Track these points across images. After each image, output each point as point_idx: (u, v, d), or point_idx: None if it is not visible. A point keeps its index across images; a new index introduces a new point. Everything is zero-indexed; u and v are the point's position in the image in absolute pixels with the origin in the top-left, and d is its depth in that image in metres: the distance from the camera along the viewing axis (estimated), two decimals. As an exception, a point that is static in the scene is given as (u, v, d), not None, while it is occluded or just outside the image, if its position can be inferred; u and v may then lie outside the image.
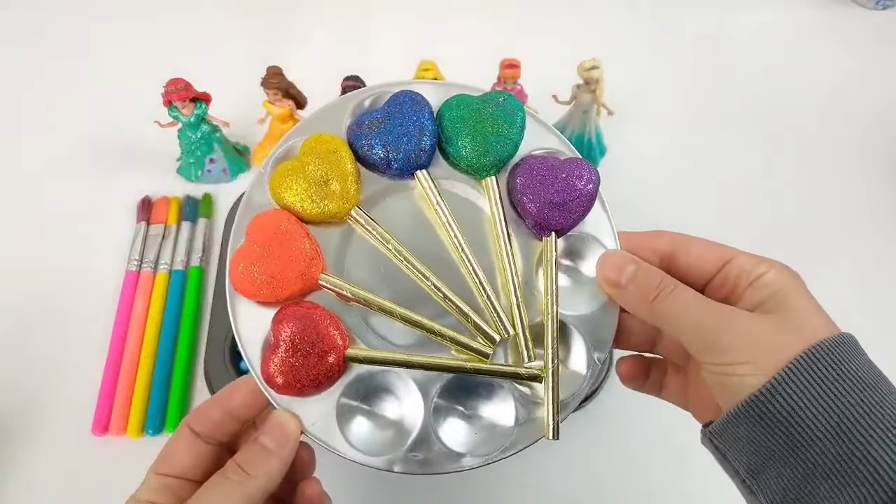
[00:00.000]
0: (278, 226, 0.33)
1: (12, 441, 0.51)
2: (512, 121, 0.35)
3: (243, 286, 0.32)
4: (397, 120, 0.34)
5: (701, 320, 0.30)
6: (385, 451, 0.32)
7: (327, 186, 0.33)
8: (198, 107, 0.58)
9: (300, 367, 0.31)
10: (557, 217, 0.34)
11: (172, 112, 0.58)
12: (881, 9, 0.78)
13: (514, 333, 0.33)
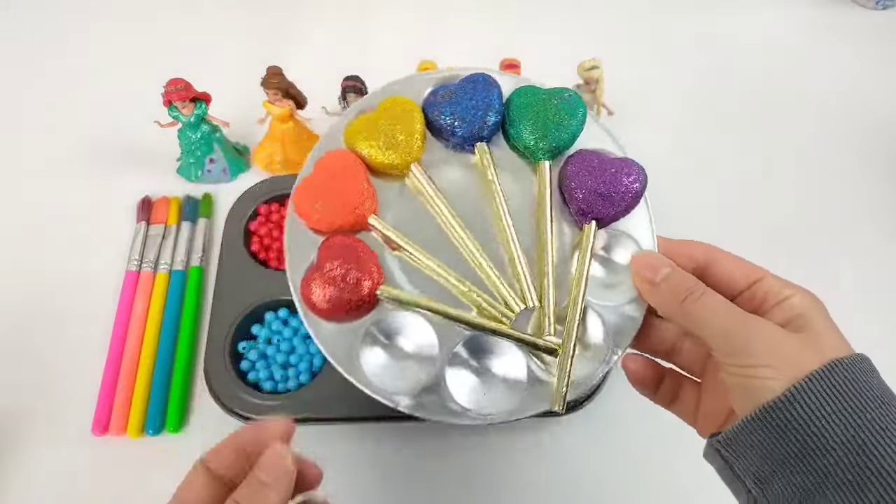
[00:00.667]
0: (345, 164, 0.36)
1: (12, 441, 0.51)
2: (573, 114, 0.37)
3: (302, 208, 0.36)
4: (468, 94, 0.38)
5: (729, 324, 0.31)
6: (396, 389, 0.34)
7: (394, 139, 0.36)
8: (198, 107, 0.58)
9: (336, 290, 0.33)
10: (601, 207, 0.36)
11: (172, 112, 0.58)
12: (881, 9, 0.78)
13: (539, 306, 0.35)
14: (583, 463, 0.51)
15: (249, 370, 0.52)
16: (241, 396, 0.50)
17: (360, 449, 0.51)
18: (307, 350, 0.53)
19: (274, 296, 0.54)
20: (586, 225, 0.36)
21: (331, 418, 0.50)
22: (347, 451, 0.51)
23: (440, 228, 0.37)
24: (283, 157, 0.62)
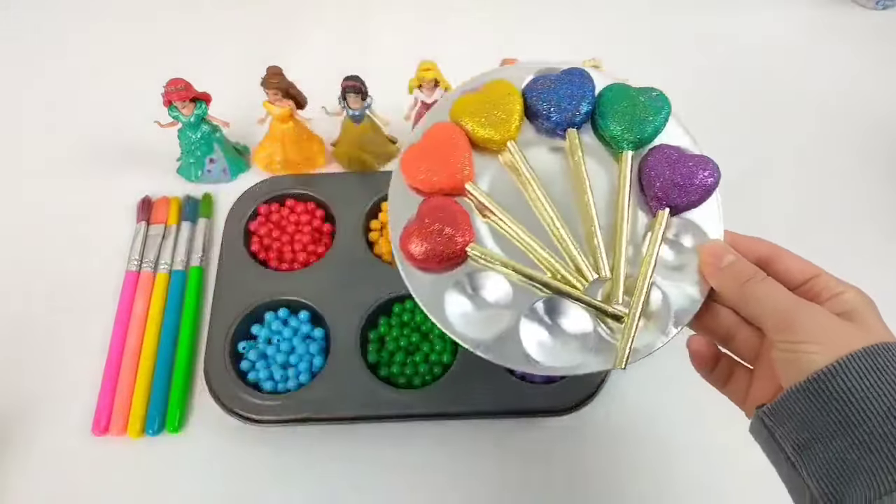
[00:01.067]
0: (450, 135, 0.40)
1: (13, 441, 0.51)
2: (658, 111, 0.41)
3: (408, 170, 0.40)
4: (566, 85, 0.42)
5: (784, 305, 0.34)
6: (475, 335, 0.38)
7: (494, 117, 0.40)
8: (198, 107, 0.58)
9: (432, 243, 0.38)
10: (676, 196, 0.39)
11: (172, 112, 0.58)
12: (881, 9, 0.78)
13: (611, 278, 0.38)
14: (583, 462, 0.51)
15: (249, 370, 0.52)
16: (241, 396, 0.50)
17: (359, 448, 0.51)
18: (307, 350, 0.53)
19: (274, 296, 0.54)
20: (660, 211, 0.39)
21: (331, 418, 0.50)
22: (347, 450, 0.51)
23: (527, 201, 0.40)
24: (284, 157, 0.62)
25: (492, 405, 0.50)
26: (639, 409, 0.53)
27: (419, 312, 0.54)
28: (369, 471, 0.50)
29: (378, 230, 0.59)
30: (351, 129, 0.60)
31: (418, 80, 0.57)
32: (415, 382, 0.51)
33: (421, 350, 0.52)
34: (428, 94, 0.58)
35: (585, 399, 0.51)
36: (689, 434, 0.52)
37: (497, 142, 0.41)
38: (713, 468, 0.51)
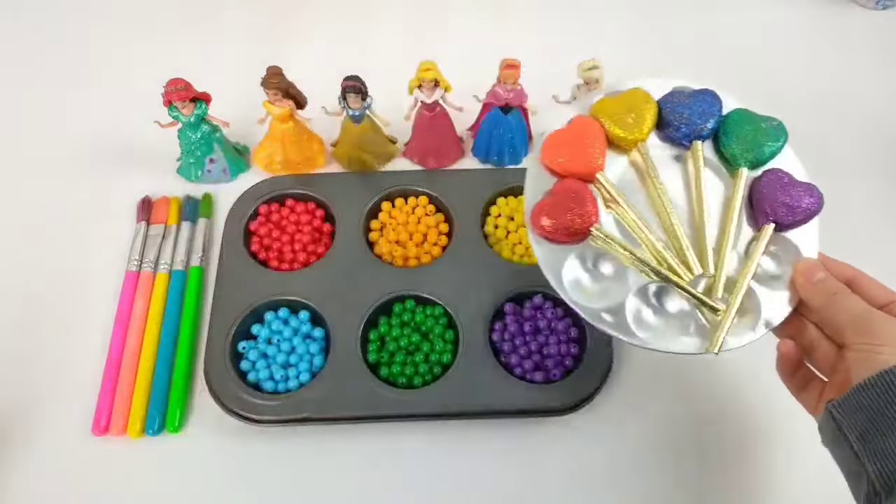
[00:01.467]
0: (590, 128, 0.46)
1: (13, 441, 0.51)
2: (777, 138, 0.47)
3: (548, 153, 0.46)
4: (698, 103, 0.47)
5: (866, 315, 0.39)
6: (585, 303, 0.43)
7: (626, 120, 0.46)
8: (198, 107, 0.58)
9: (562, 218, 0.43)
10: (783, 214, 0.44)
11: (172, 112, 0.58)
12: (881, 9, 0.78)
13: (714, 275, 0.43)
14: (582, 462, 0.51)
15: (250, 370, 0.52)
16: (242, 396, 0.50)
17: (359, 448, 0.51)
18: (307, 350, 0.53)
19: (274, 296, 0.54)
20: (766, 225, 0.44)
21: (331, 418, 0.50)
22: (347, 450, 0.51)
23: (646, 197, 0.46)
24: (284, 158, 0.62)
25: (492, 405, 0.50)
26: (638, 408, 0.53)
27: (419, 312, 0.54)
28: (370, 470, 0.50)
29: (378, 230, 0.59)
30: (351, 130, 0.60)
31: (418, 80, 0.57)
32: (415, 382, 0.51)
33: (421, 350, 0.52)
34: (428, 94, 0.58)
35: (585, 399, 0.51)
36: (689, 433, 0.52)
37: (628, 141, 0.46)
38: (713, 467, 0.51)
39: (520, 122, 0.61)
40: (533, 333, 0.53)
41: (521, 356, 0.52)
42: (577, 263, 0.45)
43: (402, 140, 0.65)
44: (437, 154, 0.63)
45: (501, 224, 0.59)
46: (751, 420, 0.52)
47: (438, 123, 0.61)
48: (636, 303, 0.44)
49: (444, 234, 0.59)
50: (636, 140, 0.47)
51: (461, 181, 0.61)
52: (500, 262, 0.57)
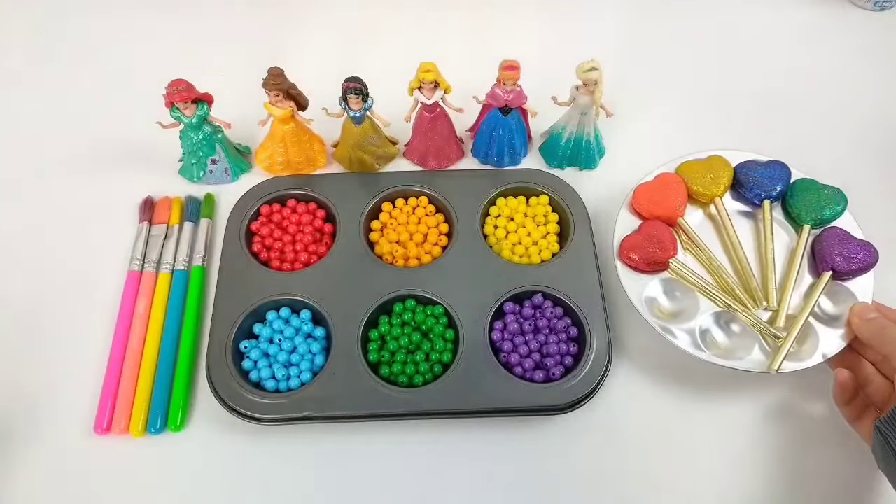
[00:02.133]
0: (675, 182, 0.58)
1: (15, 440, 0.51)
2: (837, 203, 0.56)
3: (639, 200, 0.57)
4: (770, 169, 0.58)
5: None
6: (663, 321, 0.52)
7: (708, 179, 0.58)
8: (199, 108, 0.58)
9: (646, 250, 0.53)
10: (839, 263, 0.53)
11: (174, 113, 0.58)
12: (879, 10, 0.78)
13: (777, 309, 0.53)
14: (582, 460, 0.51)
15: (251, 369, 0.52)
16: (243, 395, 0.50)
17: (360, 447, 0.51)
18: (308, 349, 0.53)
19: (275, 295, 0.55)
20: (824, 273, 0.53)
21: (332, 417, 0.51)
22: (348, 448, 0.51)
23: (720, 243, 0.57)
24: (285, 158, 0.62)
25: (492, 404, 0.50)
26: (637, 408, 0.53)
27: (420, 312, 0.54)
28: (370, 469, 0.51)
29: (378, 230, 0.60)
30: (352, 130, 0.60)
31: (418, 81, 0.57)
32: (415, 381, 0.52)
33: (421, 349, 0.53)
34: (428, 95, 0.58)
35: (584, 398, 0.51)
36: (688, 432, 0.52)
37: (706, 196, 0.57)
38: (712, 466, 0.51)
39: (519, 123, 0.62)
40: (533, 332, 0.54)
41: (521, 355, 0.52)
42: (662, 289, 0.54)
43: (403, 141, 0.65)
44: (438, 155, 0.64)
45: (501, 224, 0.59)
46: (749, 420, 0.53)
47: (438, 124, 0.61)
48: (709, 325, 0.52)
49: (445, 234, 0.60)
50: (713, 195, 0.57)
51: (461, 182, 0.62)
52: (500, 261, 0.57)
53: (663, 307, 0.53)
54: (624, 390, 0.54)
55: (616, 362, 0.54)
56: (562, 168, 0.65)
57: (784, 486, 0.50)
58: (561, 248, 0.58)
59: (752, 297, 0.53)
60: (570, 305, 0.54)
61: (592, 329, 0.53)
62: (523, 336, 0.53)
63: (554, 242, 0.59)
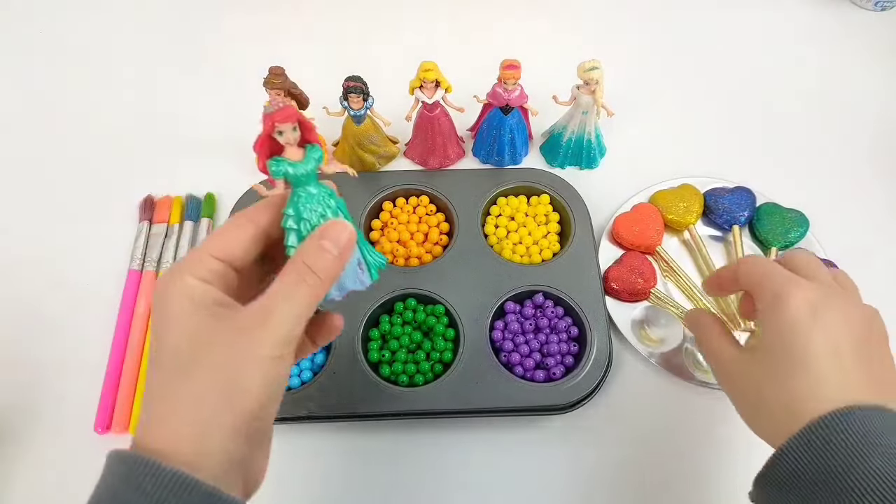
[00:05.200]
0: (651, 212, 0.60)
1: (15, 439, 0.51)
2: (800, 225, 0.59)
3: (619, 228, 0.59)
4: (736, 196, 0.61)
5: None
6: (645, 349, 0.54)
7: (681, 207, 0.60)
8: (309, 150, 0.35)
9: (627, 281, 0.56)
10: None
11: (277, 166, 0.40)
12: (879, 10, 0.78)
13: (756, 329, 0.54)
14: (582, 460, 0.51)
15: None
16: (244, 394, 0.50)
17: (360, 446, 0.51)
18: (309, 348, 0.53)
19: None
20: None
21: (333, 416, 0.51)
22: (348, 448, 0.51)
23: (695, 268, 0.59)
24: (285, 157, 0.62)
25: (493, 403, 0.50)
26: (638, 407, 0.53)
27: (421, 311, 0.54)
28: (371, 468, 0.50)
29: (379, 229, 0.60)
30: (352, 130, 0.60)
31: (419, 80, 0.57)
32: (416, 381, 0.52)
33: (422, 348, 0.53)
34: (429, 94, 0.58)
35: (585, 397, 0.51)
36: (689, 430, 0.52)
37: (681, 224, 0.60)
38: (711, 465, 0.51)
39: (520, 123, 0.62)
40: (534, 332, 0.53)
41: (521, 355, 0.52)
42: (644, 316, 0.56)
43: (404, 140, 0.65)
44: (438, 154, 0.63)
45: (502, 224, 0.59)
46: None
47: (439, 124, 0.61)
48: (691, 349, 0.54)
49: (446, 233, 0.60)
50: (687, 223, 0.60)
51: (462, 181, 0.62)
52: (501, 261, 0.57)
53: (650, 332, 0.56)
54: (625, 390, 0.54)
55: (617, 362, 0.54)
56: (563, 167, 0.65)
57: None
58: (562, 247, 0.58)
59: (731, 321, 0.55)
60: (571, 305, 0.54)
61: (593, 328, 0.53)
62: (524, 335, 0.53)
63: (555, 242, 0.59)
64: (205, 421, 0.28)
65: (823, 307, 0.36)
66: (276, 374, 0.30)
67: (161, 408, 0.29)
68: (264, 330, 0.29)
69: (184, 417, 0.28)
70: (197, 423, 0.28)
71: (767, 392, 0.36)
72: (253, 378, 0.29)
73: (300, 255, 0.31)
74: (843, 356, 0.35)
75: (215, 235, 0.32)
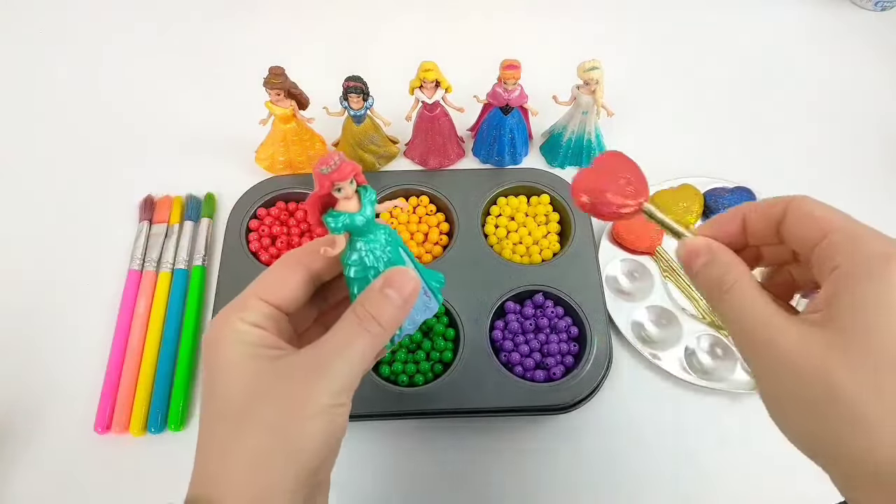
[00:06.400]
0: None
1: (15, 439, 0.51)
2: None
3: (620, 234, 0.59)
4: (735, 195, 0.60)
5: None
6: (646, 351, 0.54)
7: (681, 207, 0.60)
8: (365, 193, 0.35)
9: (607, 186, 0.35)
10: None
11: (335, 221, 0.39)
12: (879, 10, 0.78)
13: None
14: (583, 460, 0.51)
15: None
16: (244, 394, 0.50)
17: (360, 445, 0.51)
18: (309, 348, 0.53)
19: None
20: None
21: (332, 416, 0.50)
22: (348, 448, 0.51)
23: None
24: (287, 158, 0.62)
25: (493, 403, 0.50)
26: (638, 407, 0.53)
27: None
28: (370, 468, 0.50)
29: (379, 230, 0.60)
30: (352, 130, 0.60)
31: (419, 80, 0.57)
32: (416, 380, 0.51)
33: (422, 348, 0.53)
34: (429, 94, 0.58)
35: (585, 397, 0.51)
36: (689, 431, 0.52)
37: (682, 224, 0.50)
38: (711, 465, 0.51)
39: (520, 123, 0.62)
40: (534, 332, 0.53)
41: (521, 354, 0.52)
42: (644, 315, 0.56)
43: (404, 140, 0.65)
44: (438, 154, 0.63)
45: (502, 224, 0.59)
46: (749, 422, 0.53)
47: (439, 124, 0.61)
48: (692, 349, 0.54)
49: (446, 233, 0.60)
50: (687, 224, 0.58)
51: (462, 181, 0.62)
52: (501, 261, 0.57)
53: (650, 332, 0.56)
54: (624, 390, 0.53)
55: (617, 362, 0.54)
56: (563, 167, 0.65)
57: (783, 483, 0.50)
58: (562, 247, 0.58)
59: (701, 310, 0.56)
60: (571, 305, 0.54)
61: (593, 328, 0.52)
62: (524, 335, 0.53)
63: (555, 242, 0.59)
64: (264, 484, 0.27)
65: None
66: (335, 425, 0.28)
67: (217, 466, 0.28)
68: (323, 379, 0.28)
69: (242, 478, 0.27)
70: (255, 484, 0.27)
71: (851, 395, 0.23)
72: (313, 434, 0.27)
73: (363, 302, 0.29)
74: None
75: (265, 277, 0.31)
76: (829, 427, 0.24)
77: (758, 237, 0.31)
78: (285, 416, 0.27)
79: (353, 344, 0.29)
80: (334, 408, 0.28)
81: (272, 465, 0.27)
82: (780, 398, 0.26)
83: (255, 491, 0.27)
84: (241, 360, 0.28)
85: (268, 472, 0.27)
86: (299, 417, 0.27)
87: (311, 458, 0.28)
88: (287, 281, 0.31)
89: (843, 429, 0.23)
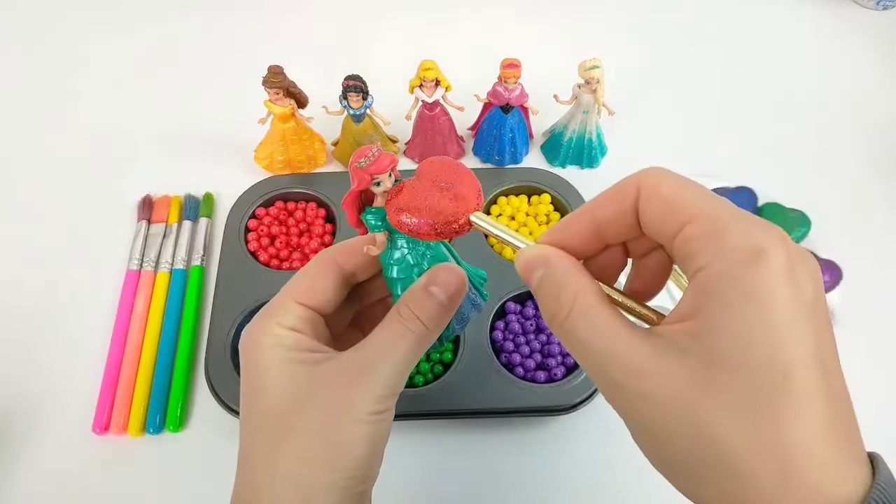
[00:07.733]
0: None
1: (12, 440, 0.51)
2: (802, 225, 0.58)
3: None
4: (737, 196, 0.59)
5: None
6: None
7: None
8: None
9: (429, 199, 0.27)
10: None
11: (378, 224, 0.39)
12: (881, 9, 0.78)
13: None
14: (584, 460, 0.51)
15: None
16: (242, 395, 0.50)
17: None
18: (308, 349, 0.52)
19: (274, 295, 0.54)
20: None
21: (332, 417, 0.50)
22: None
23: None
24: (286, 157, 0.62)
25: (493, 404, 0.50)
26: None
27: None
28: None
29: (379, 229, 0.59)
30: (352, 129, 0.60)
31: (419, 79, 0.57)
32: (416, 381, 0.51)
33: (422, 349, 0.52)
34: (429, 93, 0.58)
35: (587, 398, 0.51)
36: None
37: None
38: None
39: (521, 122, 0.61)
40: (535, 332, 0.53)
41: (522, 355, 0.52)
42: None
43: (403, 139, 0.65)
44: (438, 153, 0.63)
45: (503, 223, 0.59)
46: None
47: (439, 123, 0.61)
48: None
49: (445, 233, 0.59)
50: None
51: (462, 181, 0.61)
52: (502, 261, 0.57)
53: None
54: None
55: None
56: (563, 167, 0.65)
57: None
58: (562, 247, 0.58)
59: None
60: (572, 305, 0.54)
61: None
62: (525, 336, 0.53)
63: (555, 242, 0.58)
64: (308, 493, 0.26)
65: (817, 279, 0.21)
66: (380, 430, 0.27)
67: (260, 475, 0.27)
68: (367, 383, 0.27)
69: (286, 489, 0.26)
70: (299, 494, 0.26)
71: (728, 434, 0.20)
72: (357, 440, 0.27)
73: (407, 301, 0.28)
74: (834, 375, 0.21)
75: (299, 279, 0.30)
76: (709, 476, 0.22)
77: (616, 234, 0.24)
78: (330, 422, 0.26)
79: (397, 345, 0.28)
80: (380, 413, 0.27)
81: (317, 473, 0.26)
82: (651, 444, 0.24)
83: (300, 500, 0.26)
84: (280, 365, 0.28)
85: (313, 481, 0.26)
86: (344, 423, 0.26)
87: (357, 465, 0.27)
88: (322, 282, 0.30)
89: (722, 480, 0.21)
